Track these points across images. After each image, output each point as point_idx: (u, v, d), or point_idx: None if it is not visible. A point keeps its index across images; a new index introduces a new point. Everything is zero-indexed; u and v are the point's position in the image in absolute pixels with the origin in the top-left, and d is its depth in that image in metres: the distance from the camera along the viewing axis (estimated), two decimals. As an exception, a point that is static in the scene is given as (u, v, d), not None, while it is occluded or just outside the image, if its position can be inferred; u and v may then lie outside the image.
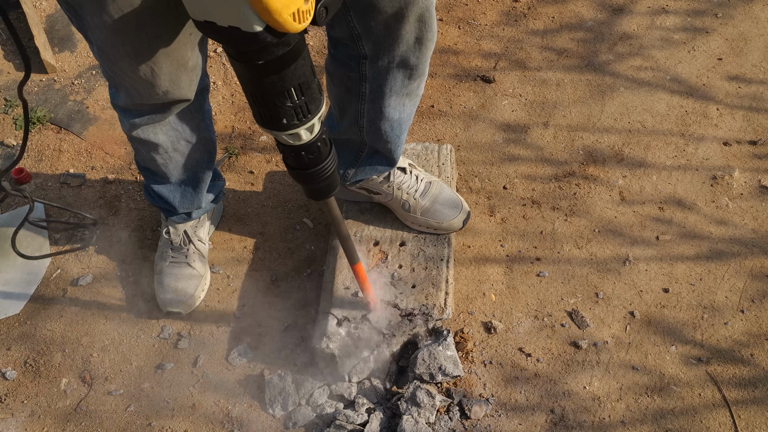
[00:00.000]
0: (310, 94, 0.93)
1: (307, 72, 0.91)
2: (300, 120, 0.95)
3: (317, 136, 1.00)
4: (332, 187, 1.11)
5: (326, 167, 1.06)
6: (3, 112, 2.04)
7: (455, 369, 1.44)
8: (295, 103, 0.92)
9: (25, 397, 1.51)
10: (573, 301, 1.61)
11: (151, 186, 1.52)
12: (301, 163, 1.03)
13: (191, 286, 1.59)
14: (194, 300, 1.60)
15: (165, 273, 1.60)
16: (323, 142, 1.03)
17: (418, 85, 1.33)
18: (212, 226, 1.73)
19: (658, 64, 2.08)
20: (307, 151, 1.01)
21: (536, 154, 1.89)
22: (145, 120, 1.28)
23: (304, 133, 0.98)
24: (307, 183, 1.08)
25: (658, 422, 1.43)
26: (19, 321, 1.62)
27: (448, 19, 2.26)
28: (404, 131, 1.43)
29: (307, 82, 0.92)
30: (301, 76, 0.90)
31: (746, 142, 1.89)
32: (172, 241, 1.61)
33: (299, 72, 0.90)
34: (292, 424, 1.42)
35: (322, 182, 1.08)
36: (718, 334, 1.55)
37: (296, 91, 0.91)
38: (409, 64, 1.25)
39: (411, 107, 1.39)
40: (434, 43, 1.24)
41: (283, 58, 0.86)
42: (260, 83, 0.89)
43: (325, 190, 1.10)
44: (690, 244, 1.69)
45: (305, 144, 1.00)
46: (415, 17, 1.14)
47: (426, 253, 1.57)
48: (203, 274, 1.63)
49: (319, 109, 0.97)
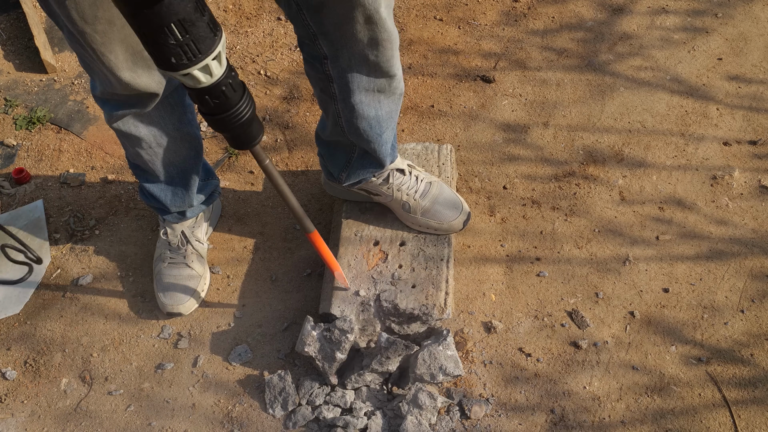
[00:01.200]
0: (195, 32, 0.92)
1: (187, 8, 0.90)
2: (190, 60, 0.94)
3: (220, 79, 0.99)
4: (250, 137, 1.11)
5: (236, 113, 1.05)
6: (3, 112, 2.04)
7: (456, 368, 1.44)
8: (179, 41, 0.91)
9: (25, 397, 1.51)
10: (573, 301, 1.61)
11: (143, 185, 1.54)
12: (208, 107, 1.03)
13: (191, 287, 1.60)
14: (194, 301, 1.60)
15: (164, 274, 1.60)
16: (229, 87, 1.02)
17: (390, 83, 1.33)
18: (210, 227, 1.74)
19: (658, 64, 2.08)
20: (211, 95, 1.01)
21: (536, 154, 1.89)
22: (124, 112, 1.31)
23: (199, 74, 0.97)
24: (220, 129, 1.09)
25: (658, 422, 1.43)
26: (19, 321, 1.62)
27: (448, 19, 2.26)
28: (386, 129, 1.43)
29: (190, 19, 0.91)
30: (179, 12, 0.89)
31: (746, 142, 1.89)
32: (170, 242, 1.62)
33: (176, 8, 0.88)
34: (292, 425, 1.43)
35: (235, 130, 1.08)
36: (718, 334, 1.55)
37: (177, 27, 0.90)
38: (369, 61, 1.26)
39: (390, 105, 1.38)
40: (395, 44, 1.25)
41: None
42: (136, 19, 0.89)
43: (243, 138, 1.11)
44: (690, 244, 1.69)
45: (207, 87, 0.99)
46: (363, 18, 1.16)
47: (426, 253, 1.57)
48: (202, 275, 1.63)
49: (211, 50, 0.95)
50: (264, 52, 2.19)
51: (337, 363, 1.44)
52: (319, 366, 1.45)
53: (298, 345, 1.46)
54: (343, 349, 1.43)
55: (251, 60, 2.17)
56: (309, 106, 2.04)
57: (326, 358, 1.44)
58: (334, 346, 1.43)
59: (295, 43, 2.21)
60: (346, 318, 1.46)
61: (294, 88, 2.09)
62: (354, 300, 1.51)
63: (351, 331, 1.44)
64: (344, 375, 1.47)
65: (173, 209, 1.58)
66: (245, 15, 2.30)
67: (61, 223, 1.80)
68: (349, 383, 1.45)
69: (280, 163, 1.90)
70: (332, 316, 1.48)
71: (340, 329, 1.44)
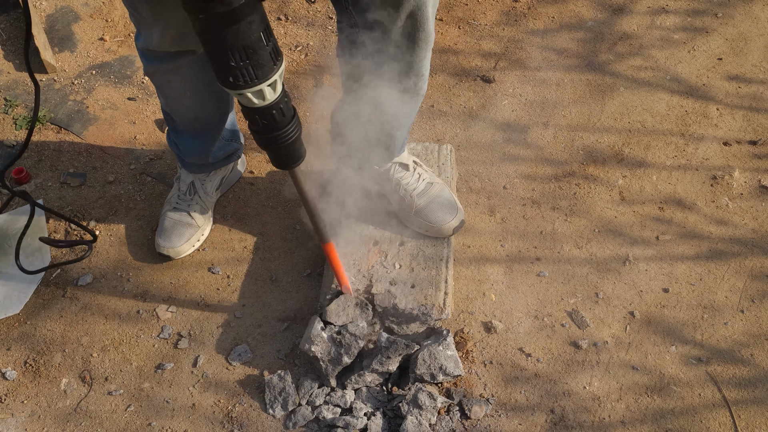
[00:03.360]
0: (255, 59, 0.97)
1: (252, 37, 0.95)
2: (246, 83, 0.99)
3: (271, 103, 1.05)
4: (292, 158, 1.16)
5: (282, 136, 1.10)
6: (3, 112, 2.04)
7: (456, 368, 1.44)
8: (239, 65, 0.97)
9: (25, 397, 1.51)
10: (573, 301, 1.61)
11: (169, 132, 1.66)
12: (257, 125, 1.09)
13: (185, 235, 1.67)
14: (184, 248, 1.67)
15: (166, 216, 1.69)
16: (279, 111, 1.07)
17: (415, 83, 1.34)
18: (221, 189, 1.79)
19: (658, 64, 2.08)
20: (260, 116, 1.06)
21: (536, 153, 1.89)
22: (159, 65, 1.39)
23: (252, 96, 1.02)
24: (265, 148, 1.14)
25: (658, 422, 1.42)
26: (19, 321, 1.62)
27: (448, 19, 2.26)
28: (402, 126, 1.45)
29: (253, 47, 0.96)
30: (244, 39, 0.94)
31: (746, 142, 1.89)
32: (180, 188, 1.71)
33: (242, 35, 0.94)
34: (292, 425, 1.42)
35: (279, 150, 1.13)
36: (718, 334, 1.55)
37: (240, 53, 0.96)
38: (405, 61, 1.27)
39: (410, 104, 1.40)
40: (429, 46, 1.26)
41: (225, 17, 0.91)
42: (205, 38, 0.95)
43: (284, 159, 1.16)
44: (690, 244, 1.69)
45: (258, 108, 1.05)
46: (406, 13, 1.17)
47: (425, 253, 1.57)
48: (201, 226, 1.70)
49: (267, 77, 1.00)
50: (264, 52, 2.19)
51: (341, 366, 1.44)
52: (321, 367, 1.44)
53: (303, 343, 1.46)
54: (351, 354, 1.43)
55: (251, 60, 2.17)
56: (309, 106, 2.04)
57: (332, 361, 1.43)
58: (344, 349, 1.43)
59: (295, 43, 2.21)
60: (358, 324, 1.45)
61: (294, 88, 2.09)
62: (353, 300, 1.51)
63: (362, 337, 1.44)
64: (344, 376, 1.47)
65: (188, 159, 1.66)
66: (245, 15, 2.30)
67: (61, 223, 1.79)
68: (350, 384, 1.45)
69: (280, 163, 1.90)
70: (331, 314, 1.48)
71: (351, 333, 1.44)
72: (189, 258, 1.70)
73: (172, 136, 1.65)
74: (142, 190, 1.85)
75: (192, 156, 1.66)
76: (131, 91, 2.09)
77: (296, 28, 2.27)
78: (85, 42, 2.22)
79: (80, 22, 2.26)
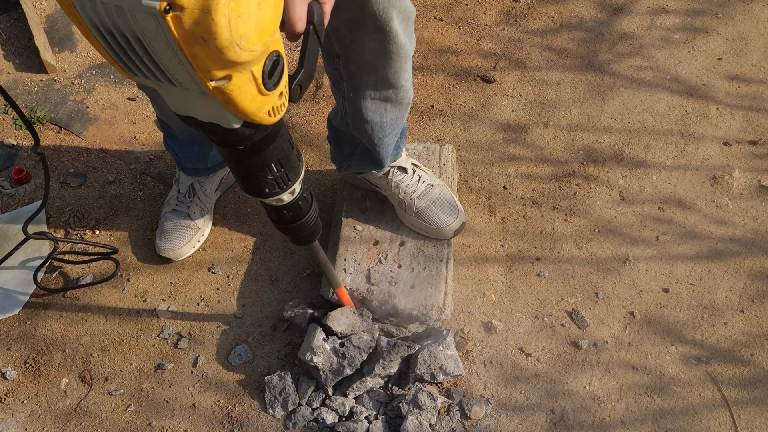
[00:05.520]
0: (288, 165, 1.00)
1: (285, 147, 0.98)
2: (281, 188, 1.03)
3: (298, 196, 1.08)
4: (314, 235, 1.19)
5: (308, 221, 1.14)
6: (3, 112, 2.04)
7: (456, 368, 1.44)
8: (275, 176, 1.00)
9: (25, 397, 1.51)
10: (573, 301, 1.61)
11: (166, 138, 1.64)
12: (284, 219, 1.12)
13: (185, 237, 1.68)
14: (184, 250, 1.68)
15: (166, 219, 1.69)
16: (304, 200, 1.11)
17: (397, 94, 1.34)
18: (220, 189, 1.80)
19: (658, 64, 2.08)
20: (288, 210, 1.10)
21: (536, 153, 1.89)
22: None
23: (286, 196, 1.05)
24: (290, 234, 1.17)
25: (658, 422, 1.42)
26: (19, 321, 1.62)
27: (448, 19, 2.26)
28: (388, 135, 1.44)
29: (286, 155, 0.99)
30: (279, 153, 0.97)
31: (746, 142, 1.89)
32: (179, 190, 1.71)
33: (278, 150, 0.96)
34: (292, 425, 1.42)
35: (304, 233, 1.17)
36: (718, 334, 1.55)
37: (276, 165, 0.98)
38: (377, 71, 1.27)
39: (396, 114, 1.40)
40: (403, 58, 1.26)
41: (262, 141, 0.92)
42: (242, 164, 0.96)
43: (307, 238, 1.19)
44: (690, 244, 1.69)
45: (287, 204, 1.08)
46: (372, 27, 1.17)
47: (425, 254, 1.57)
48: (201, 228, 1.70)
49: (299, 176, 1.04)
50: (264, 52, 2.19)
51: (341, 377, 1.43)
52: (321, 377, 1.43)
53: (304, 353, 1.44)
54: (353, 366, 1.42)
55: (251, 60, 2.17)
56: (309, 106, 2.04)
57: (332, 372, 1.42)
58: (347, 361, 1.42)
59: (296, 45, 2.21)
60: (361, 336, 1.44)
61: (294, 88, 2.09)
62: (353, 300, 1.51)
63: (366, 349, 1.43)
64: (343, 384, 1.45)
65: (187, 165, 1.67)
66: (245, 15, 2.30)
67: (61, 223, 1.80)
68: (351, 392, 1.44)
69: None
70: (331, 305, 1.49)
71: (355, 346, 1.43)
72: (189, 258, 1.70)
73: (169, 142, 1.64)
74: (142, 190, 1.85)
75: (191, 161, 1.66)
76: (131, 91, 2.09)
77: (296, 28, 2.26)
78: (85, 42, 2.22)
79: (80, 22, 2.25)
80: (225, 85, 0.72)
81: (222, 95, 0.74)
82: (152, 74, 0.73)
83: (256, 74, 0.75)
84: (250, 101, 0.77)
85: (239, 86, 0.74)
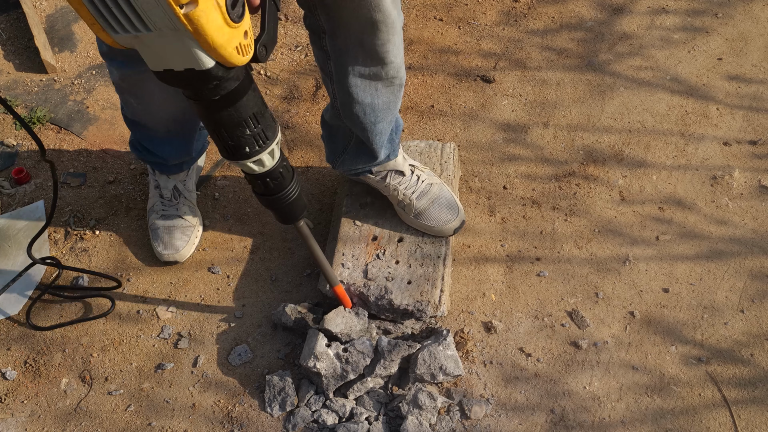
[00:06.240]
0: (264, 122, 1.07)
1: (258, 102, 1.05)
2: (260, 146, 1.08)
3: (279, 162, 1.14)
4: (298, 212, 1.24)
5: (290, 191, 1.19)
6: (3, 112, 2.04)
7: (456, 368, 1.44)
8: (253, 132, 1.05)
9: (25, 397, 1.51)
10: (573, 301, 1.61)
11: (139, 141, 1.61)
12: (269, 189, 1.17)
13: (185, 237, 1.67)
14: (188, 249, 1.68)
15: (158, 226, 1.68)
16: (285, 168, 1.16)
17: (385, 70, 1.32)
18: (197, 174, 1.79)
19: (658, 64, 2.08)
20: (271, 177, 1.15)
21: (536, 154, 1.89)
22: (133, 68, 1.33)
23: (266, 158, 1.11)
24: (275, 208, 1.22)
25: (658, 422, 1.42)
26: (19, 321, 1.62)
27: (448, 19, 2.26)
28: (381, 120, 1.42)
29: (261, 111, 1.06)
30: (254, 107, 1.04)
31: (746, 142, 1.89)
32: (162, 195, 1.69)
33: (251, 103, 1.03)
34: (291, 426, 1.42)
35: (287, 206, 1.21)
36: (718, 334, 1.55)
37: (252, 120, 1.04)
38: (365, 46, 1.25)
39: (387, 95, 1.38)
40: (392, 28, 1.24)
41: (235, 91, 0.99)
42: (220, 117, 1.02)
43: (292, 213, 1.24)
44: (690, 244, 1.69)
45: (269, 170, 1.13)
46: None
47: (423, 251, 1.57)
48: (194, 224, 1.70)
49: (276, 136, 1.10)
50: (264, 52, 2.19)
51: (343, 382, 1.43)
52: (323, 383, 1.43)
53: (305, 359, 1.43)
54: (357, 371, 1.42)
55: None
56: (309, 106, 2.04)
57: (335, 377, 1.42)
58: (350, 366, 1.41)
59: (295, 43, 2.21)
60: (365, 341, 1.44)
61: (294, 88, 2.09)
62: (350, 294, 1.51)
63: (369, 354, 1.43)
64: (343, 387, 1.45)
65: (172, 162, 1.65)
66: (245, 15, 2.30)
67: (61, 223, 1.80)
68: (351, 393, 1.44)
69: (280, 163, 1.90)
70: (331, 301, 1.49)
71: (359, 351, 1.42)
72: (189, 258, 1.70)
73: (145, 145, 1.60)
74: (142, 190, 1.85)
75: (177, 157, 1.64)
76: (131, 91, 2.09)
77: (296, 28, 2.27)
78: (85, 42, 2.22)
79: (80, 22, 2.26)
80: (193, 10, 0.80)
81: (191, 24, 0.81)
82: (129, 23, 0.82)
83: (220, 2, 0.83)
84: (218, 31, 0.85)
85: (206, 12, 0.81)
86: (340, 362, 1.42)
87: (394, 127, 1.51)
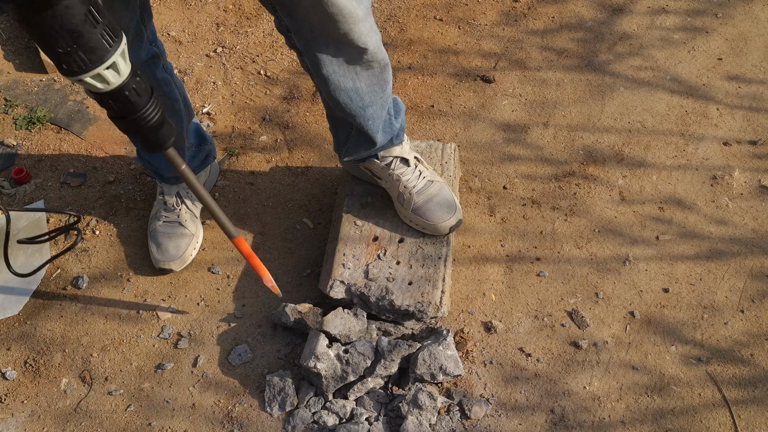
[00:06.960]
0: (83, 43, 0.95)
1: (74, 20, 0.93)
2: (80, 68, 0.97)
3: (121, 85, 1.02)
4: (160, 141, 1.14)
5: (142, 117, 1.08)
6: (3, 112, 2.04)
7: (456, 368, 1.44)
8: (66, 51, 0.94)
9: (25, 397, 1.51)
10: (573, 301, 1.61)
11: (138, 151, 1.67)
12: (112, 110, 1.07)
13: (183, 245, 1.67)
14: (186, 258, 1.67)
15: (159, 232, 1.67)
16: (133, 92, 1.04)
17: (361, 56, 1.30)
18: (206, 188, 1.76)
19: (658, 64, 2.09)
20: (113, 100, 1.04)
21: (536, 153, 1.89)
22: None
23: (93, 81, 0.99)
24: (129, 133, 1.13)
25: (658, 422, 1.43)
26: (19, 321, 1.62)
27: (448, 19, 2.26)
28: (370, 103, 1.39)
29: (77, 30, 0.94)
30: (66, 24, 0.92)
31: (746, 142, 1.89)
32: (166, 202, 1.70)
33: (62, 20, 0.92)
34: (291, 427, 1.42)
35: (143, 133, 1.11)
36: (718, 334, 1.55)
37: (64, 39, 0.93)
38: (332, 36, 1.24)
39: (370, 77, 1.35)
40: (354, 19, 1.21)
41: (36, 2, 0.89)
42: (28, 27, 0.93)
43: (153, 142, 1.14)
44: (690, 244, 1.69)
45: (108, 93, 1.02)
46: None
47: (424, 251, 1.57)
48: (195, 234, 1.70)
49: (103, 60, 0.97)
50: (264, 52, 2.19)
51: (343, 383, 1.43)
52: (322, 384, 1.43)
53: (306, 359, 1.43)
54: (357, 372, 1.42)
55: (251, 60, 2.17)
56: (309, 106, 2.04)
57: (335, 378, 1.42)
58: (351, 368, 1.41)
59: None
60: (365, 342, 1.44)
61: (294, 88, 2.09)
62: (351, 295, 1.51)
63: (370, 355, 1.43)
64: (343, 388, 1.45)
65: (166, 174, 1.66)
66: (245, 15, 2.30)
67: (61, 222, 1.80)
68: (352, 394, 1.44)
69: (279, 163, 1.90)
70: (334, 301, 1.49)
71: (360, 353, 1.42)
72: (189, 258, 1.70)
73: (144, 155, 1.64)
74: (142, 190, 1.86)
75: (170, 170, 1.64)
76: (131, 91, 2.09)
77: (296, 28, 2.26)
78: (85, 42, 2.21)
79: (80, 22, 2.25)
80: None
81: None
82: None
83: None
84: None
85: None
86: (341, 363, 1.42)
87: (392, 111, 1.49)
